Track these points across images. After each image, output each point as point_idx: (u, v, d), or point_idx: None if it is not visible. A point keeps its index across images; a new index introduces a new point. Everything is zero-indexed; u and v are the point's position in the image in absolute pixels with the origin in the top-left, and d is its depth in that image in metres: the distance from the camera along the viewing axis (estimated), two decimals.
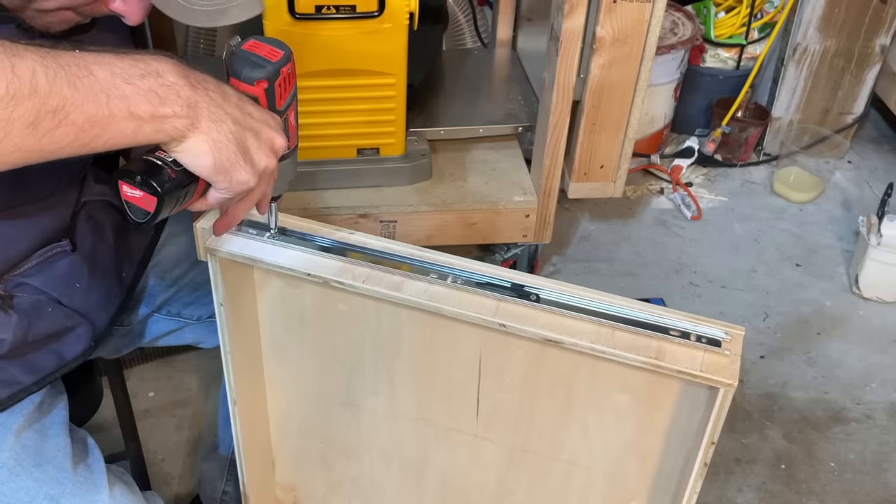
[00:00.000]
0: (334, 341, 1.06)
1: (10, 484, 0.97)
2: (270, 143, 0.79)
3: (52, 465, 1.00)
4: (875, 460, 1.76)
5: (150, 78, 0.70)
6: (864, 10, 2.36)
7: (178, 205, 0.77)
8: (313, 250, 0.94)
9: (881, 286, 2.13)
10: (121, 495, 1.02)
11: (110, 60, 0.69)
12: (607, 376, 0.93)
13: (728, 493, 1.69)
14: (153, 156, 0.75)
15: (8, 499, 0.96)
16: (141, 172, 0.74)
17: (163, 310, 1.23)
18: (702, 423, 0.88)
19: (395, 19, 1.63)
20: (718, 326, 0.86)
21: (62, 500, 0.98)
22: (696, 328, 0.85)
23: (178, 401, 1.82)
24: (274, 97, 0.82)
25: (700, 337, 0.85)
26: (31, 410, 1.02)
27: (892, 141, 2.77)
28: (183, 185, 0.76)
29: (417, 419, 1.09)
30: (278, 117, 0.82)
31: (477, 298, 0.89)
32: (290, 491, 1.29)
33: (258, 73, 0.80)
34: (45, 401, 1.05)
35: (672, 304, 2.09)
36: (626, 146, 1.84)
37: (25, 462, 0.98)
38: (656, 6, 1.63)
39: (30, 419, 1.01)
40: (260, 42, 0.82)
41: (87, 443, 1.07)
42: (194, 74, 0.75)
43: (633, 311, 0.87)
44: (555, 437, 1.02)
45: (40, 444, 1.01)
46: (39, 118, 0.64)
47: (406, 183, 1.90)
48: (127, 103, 0.68)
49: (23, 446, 0.99)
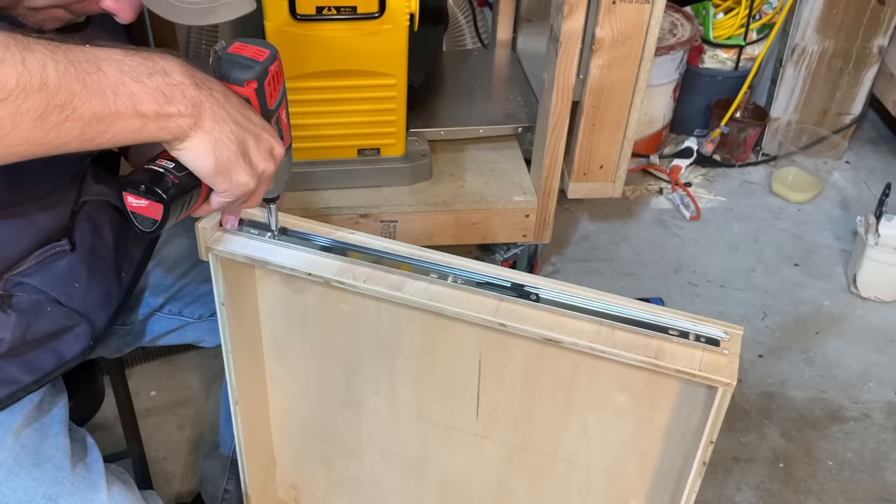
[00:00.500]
0: (335, 341, 1.06)
1: (9, 483, 0.97)
2: (269, 148, 0.79)
3: (51, 464, 0.99)
4: (873, 459, 1.76)
5: (157, 76, 0.70)
6: (861, 11, 2.36)
7: (184, 211, 0.77)
8: (314, 250, 0.94)
9: (879, 286, 2.13)
10: (119, 495, 1.02)
11: (120, 57, 0.69)
12: (607, 376, 0.93)
13: (727, 491, 1.69)
14: (154, 164, 0.75)
15: (7, 498, 0.96)
16: (144, 182, 0.74)
17: (164, 309, 1.23)
18: (701, 422, 0.88)
19: (395, 20, 1.63)
20: (717, 326, 0.86)
21: (60, 500, 0.98)
22: (695, 327, 0.85)
23: (179, 400, 1.82)
24: (265, 96, 0.82)
25: (699, 336, 0.84)
26: (30, 409, 1.02)
27: (890, 141, 2.77)
28: (187, 189, 0.76)
29: (418, 418, 1.09)
30: (274, 128, 0.82)
31: (477, 298, 0.89)
32: (291, 489, 1.29)
33: (247, 74, 0.80)
34: (45, 400, 1.05)
35: (671, 303, 2.09)
36: (626, 146, 1.84)
37: (24, 461, 0.98)
38: (655, 7, 1.63)
39: (29, 418, 1.01)
40: (245, 44, 0.82)
41: (86, 442, 1.07)
42: (199, 74, 0.75)
43: (633, 311, 0.87)
44: (554, 435, 1.02)
45: (39, 444, 1.00)
46: (48, 112, 0.64)
47: (406, 183, 1.90)
48: (133, 101, 0.69)
49: (22, 445, 0.99)
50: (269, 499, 1.28)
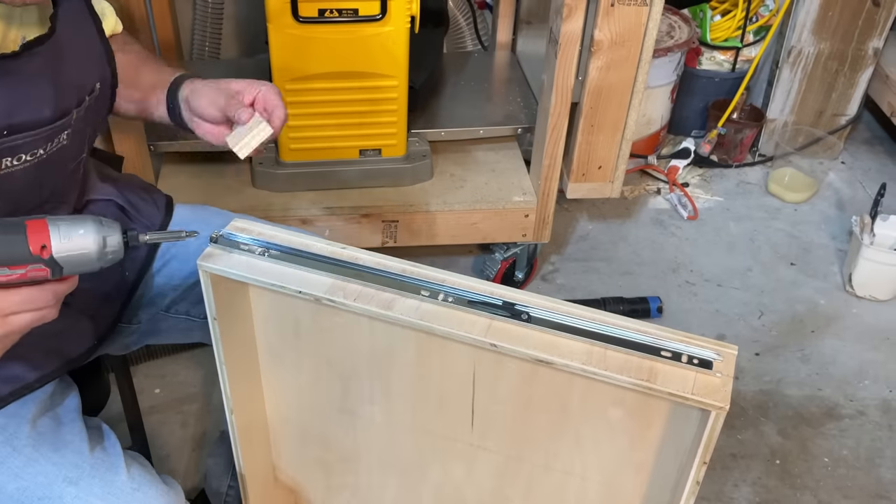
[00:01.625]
0: (329, 352, 1.05)
1: (29, 469, 0.97)
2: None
3: (69, 448, 0.99)
4: (868, 456, 1.76)
5: None
6: (857, 14, 2.36)
7: None
8: (304, 267, 0.92)
9: (874, 285, 2.14)
10: (139, 476, 1.02)
11: None
12: (600, 392, 0.91)
13: (724, 487, 1.69)
14: None
15: (27, 483, 0.96)
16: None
17: (171, 309, 1.22)
18: (695, 440, 0.86)
19: (396, 23, 1.63)
20: (710, 347, 0.84)
21: (81, 483, 0.98)
22: (688, 349, 0.83)
23: (183, 397, 1.82)
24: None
25: (692, 358, 0.82)
26: (43, 399, 1.02)
27: (885, 142, 2.77)
28: None
29: (413, 427, 1.08)
30: None
31: (468, 317, 0.87)
32: (290, 494, 1.28)
33: None
34: (57, 391, 1.05)
35: (669, 302, 2.09)
36: (624, 147, 1.84)
37: (43, 448, 0.98)
38: (653, 10, 1.63)
39: (43, 407, 1.02)
40: None
41: (102, 429, 1.07)
42: None
43: (625, 332, 0.85)
44: (549, 447, 1.01)
45: (56, 430, 1.01)
46: None
47: (408, 183, 1.90)
48: None
49: (39, 433, 0.99)
50: (268, 502, 1.28)
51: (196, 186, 1.87)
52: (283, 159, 1.84)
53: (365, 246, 1.01)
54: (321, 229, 1.82)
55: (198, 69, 2.19)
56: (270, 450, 1.23)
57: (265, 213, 1.79)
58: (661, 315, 2.05)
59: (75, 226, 0.79)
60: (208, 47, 2.27)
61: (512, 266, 2.08)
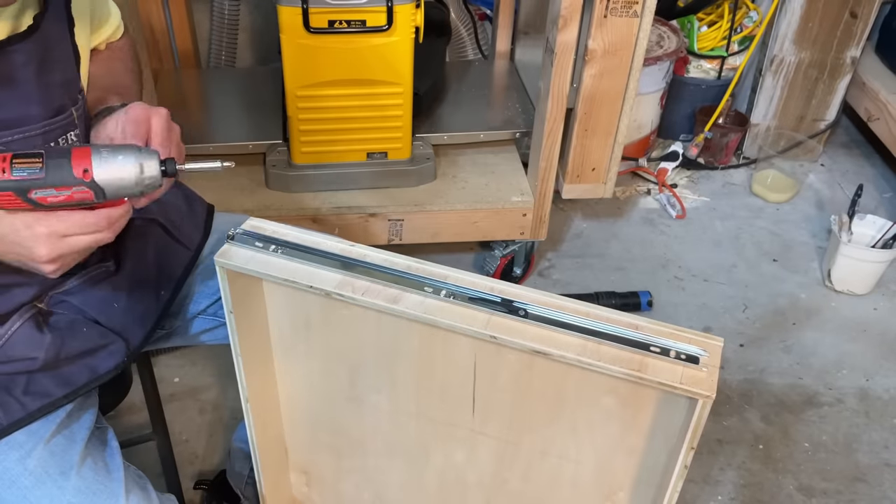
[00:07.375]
0: (338, 344, 1.05)
1: (36, 491, 0.94)
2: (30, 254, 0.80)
3: (74, 471, 0.96)
4: (846, 441, 1.76)
5: None
6: (836, 24, 2.35)
7: None
8: (315, 263, 0.92)
9: (852, 280, 2.13)
10: (135, 501, 0.99)
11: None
12: (594, 381, 0.91)
13: (711, 471, 1.69)
14: None
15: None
16: None
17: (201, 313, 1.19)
18: (683, 426, 0.86)
19: (402, 33, 1.63)
20: (696, 343, 0.83)
21: None
22: (676, 345, 0.83)
23: (200, 386, 1.82)
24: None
25: (679, 354, 0.82)
26: (62, 417, 0.99)
27: (862, 145, 2.77)
28: None
29: (417, 414, 1.08)
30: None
31: (469, 312, 0.87)
32: (302, 475, 1.28)
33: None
34: (75, 408, 1.02)
35: (658, 296, 2.09)
36: (616, 150, 1.84)
37: (51, 470, 0.95)
38: (644, 21, 1.63)
39: (61, 425, 0.98)
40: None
41: (110, 445, 1.03)
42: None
43: (617, 328, 0.84)
44: (546, 433, 1.01)
45: (67, 450, 0.98)
46: None
47: (412, 184, 1.90)
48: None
49: (51, 453, 0.96)
50: (281, 483, 1.28)
51: (212, 188, 1.86)
52: (295, 162, 1.84)
53: (372, 243, 1.01)
54: (331, 227, 1.82)
55: (214, 76, 2.19)
56: (284, 435, 1.23)
57: (278, 213, 1.79)
58: (651, 308, 2.05)
59: (115, 153, 0.80)
60: (224, 56, 2.27)
61: (511, 262, 2.08)
